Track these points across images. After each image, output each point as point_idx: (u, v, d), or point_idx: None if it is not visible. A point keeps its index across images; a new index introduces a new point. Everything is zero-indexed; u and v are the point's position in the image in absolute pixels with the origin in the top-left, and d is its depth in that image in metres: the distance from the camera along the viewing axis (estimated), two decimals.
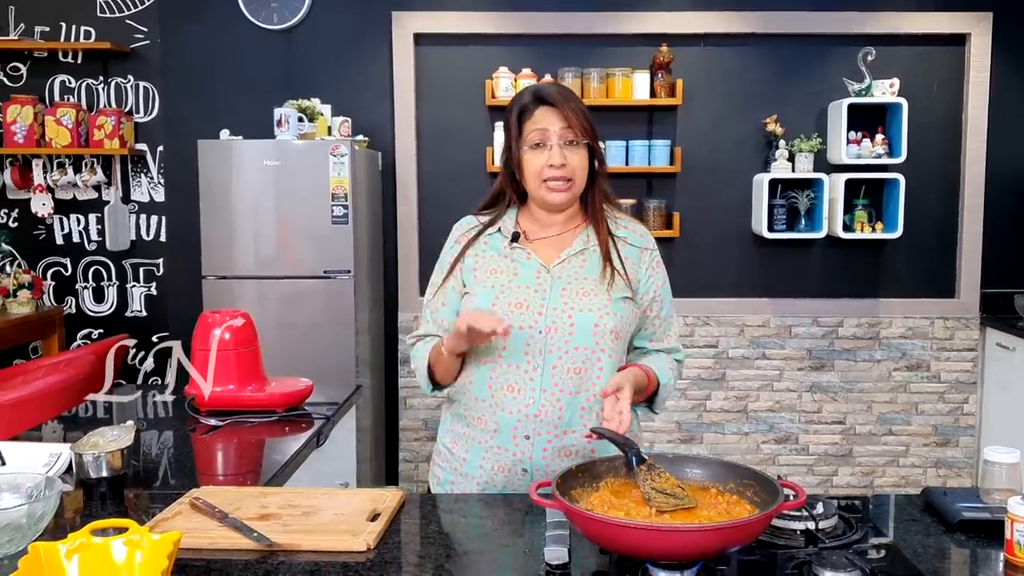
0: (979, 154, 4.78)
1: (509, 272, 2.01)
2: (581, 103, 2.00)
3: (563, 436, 1.94)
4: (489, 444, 1.98)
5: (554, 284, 1.98)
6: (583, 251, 2.03)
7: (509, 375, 1.95)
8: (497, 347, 1.95)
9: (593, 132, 1.99)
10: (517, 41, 4.77)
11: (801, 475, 4.89)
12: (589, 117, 1.99)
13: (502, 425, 1.95)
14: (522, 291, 1.97)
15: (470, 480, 2.02)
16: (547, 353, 1.93)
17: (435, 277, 2.13)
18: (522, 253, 2.03)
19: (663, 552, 1.34)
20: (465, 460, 2.03)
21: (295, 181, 4.24)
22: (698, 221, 4.84)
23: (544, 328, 1.93)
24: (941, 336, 4.86)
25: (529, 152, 1.97)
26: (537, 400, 1.93)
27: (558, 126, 1.95)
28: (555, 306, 1.95)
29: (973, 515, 1.62)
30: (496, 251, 2.05)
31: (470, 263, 2.05)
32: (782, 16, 4.71)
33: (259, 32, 4.76)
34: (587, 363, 1.94)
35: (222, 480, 2.14)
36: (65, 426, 2.55)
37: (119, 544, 1.37)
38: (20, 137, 4.69)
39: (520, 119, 2.00)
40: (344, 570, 1.48)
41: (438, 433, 2.17)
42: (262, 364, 2.69)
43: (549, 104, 1.97)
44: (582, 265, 2.01)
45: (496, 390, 1.96)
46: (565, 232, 2.06)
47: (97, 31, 4.85)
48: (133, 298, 5.01)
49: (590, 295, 1.97)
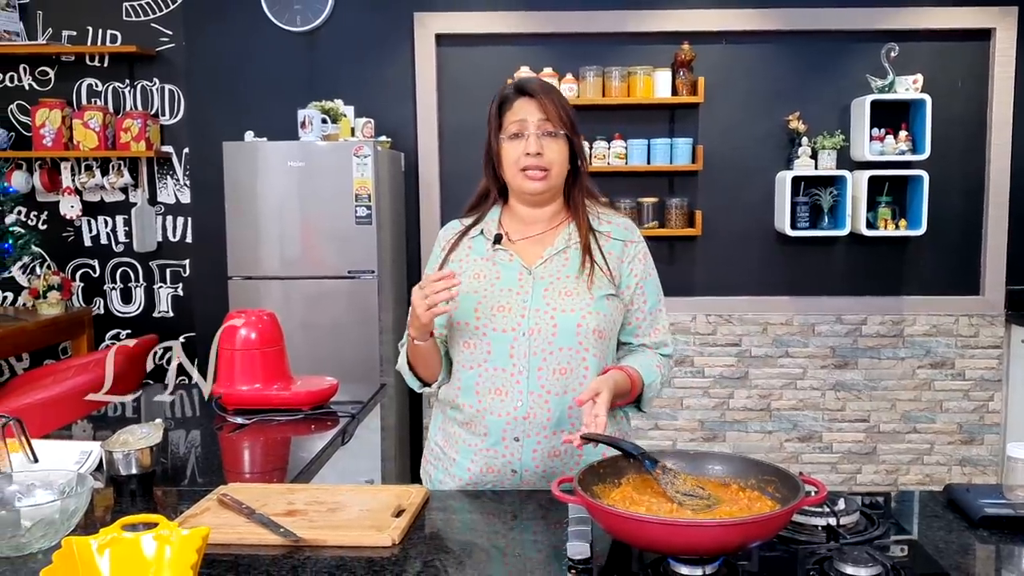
0: (1004, 150, 4.75)
1: (491, 275, 2.01)
2: (562, 97, 2.02)
3: (552, 437, 1.94)
4: (479, 448, 1.98)
5: (536, 285, 1.98)
6: (565, 249, 2.02)
7: (496, 379, 1.95)
8: (482, 352, 1.96)
9: (572, 125, 2.00)
10: (538, 40, 4.78)
11: (825, 473, 4.88)
12: (569, 111, 2.00)
13: (491, 428, 1.96)
14: (504, 294, 1.97)
15: (458, 481, 2.02)
16: (532, 355, 1.93)
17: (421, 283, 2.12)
18: (504, 255, 2.02)
19: (684, 547, 1.34)
20: (455, 461, 2.03)
21: (319, 182, 4.28)
22: (720, 219, 4.83)
23: (527, 330, 1.94)
24: (966, 333, 4.83)
25: (507, 142, 1.99)
26: (525, 402, 1.93)
27: (536, 117, 1.96)
28: (537, 307, 1.95)
29: (996, 511, 1.61)
30: (479, 254, 2.05)
31: (454, 268, 2.03)
32: (804, 13, 4.70)
33: (282, 34, 4.80)
34: (572, 363, 1.94)
35: (249, 478, 2.16)
36: (94, 425, 2.58)
37: (149, 539, 1.39)
38: (48, 140, 4.76)
39: (500, 110, 2.02)
40: (369, 565, 1.49)
41: (429, 431, 2.18)
42: (288, 363, 2.72)
43: (528, 95, 1.98)
44: (564, 264, 2.01)
45: (484, 394, 1.96)
46: (548, 231, 2.06)
47: (123, 35, 4.91)
48: (160, 299, 5.06)
49: (572, 295, 1.96)
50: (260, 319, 2.67)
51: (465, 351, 1.99)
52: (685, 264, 4.85)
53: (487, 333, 1.96)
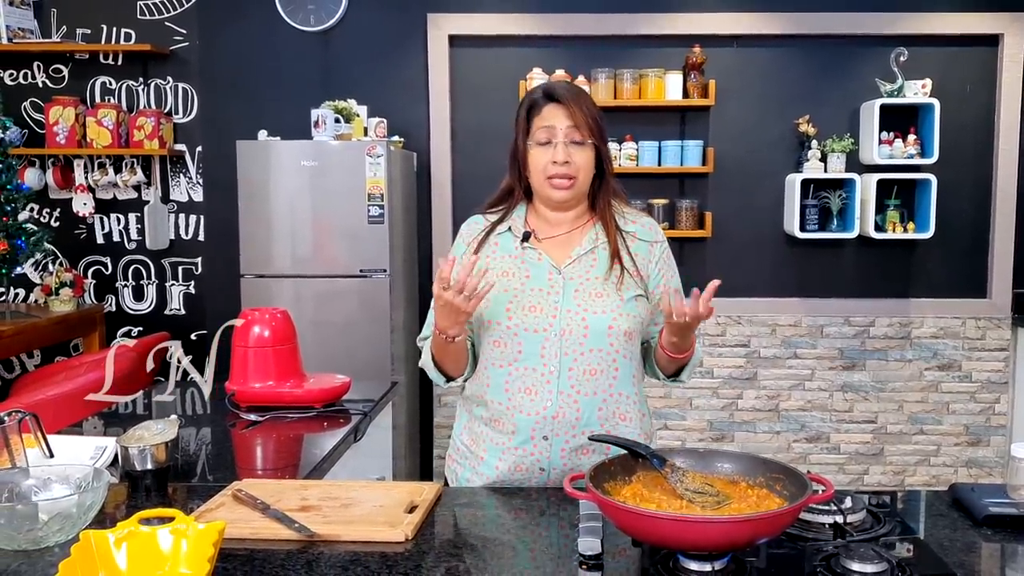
0: (1012, 154, 4.75)
1: (521, 274, 2.01)
2: (591, 103, 2.01)
3: (581, 436, 1.95)
4: (508, 446, 1.99)
5: (567, 286, 1.99)
6: (593, 250, 2.03)
7: (526, 378, 1.96)
8: (513, 351, 1.97)
9: (600, 132, 2.00)
10: (551, 42, 4.80)
11: (832, 474, 4.88)
12: (598, 117, 1.99)
13: (520, 427, 1.96)
14: (535, 294, 1.98)
15: (485, 479, 2.03)
16: (563, 355, 1.94)
17: None
18: (533, 254, 2.03)
19: (693, 543, 1.36)
20: (483, 459, 2.03)
21: (332, 181, 4.30)
22: (730, 221, 4.84)
23: (559, 331, 1.94)
24: (973, 336, 4.84)
25: (535, 148, 1.99)
26: (555, 402, 1.94)
27: (564, 124, 1.96)
28: (569, 308, 1.96)
29: (1000, 510, 1.63)
30: (507, 252, 2.05)
31: (480, 265, 2.00)
32: (814, 17, 4.71)
33: (296, 34, 4.83)
34: (603, 365, 1.96)
35: (261, 474, 2.18)
36: (105, 422, 2.60)
37: (166, 533, 1.41)
38: (62, 138, 4.79)
39: (529, 115, 2.01)
40: (383, 560, 1.51)
41: (454, 429, 2.18)
42: (300, 361, 2.74)
43: (557, 102, 1.98)
44: (593, 264, 2.02)
45: (514, 393, 1.97)
46: (574, 230, 2.06)
47: (137, 33, 4.93)
48: (172, 296, 5.09)
49: (603, 296, 1.98)
50: (273, 317, 2.69)
51: (496, 349, 1.99)
52: (695, 265, 4.86)
53: (518, 333, 1.96)
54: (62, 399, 3.54)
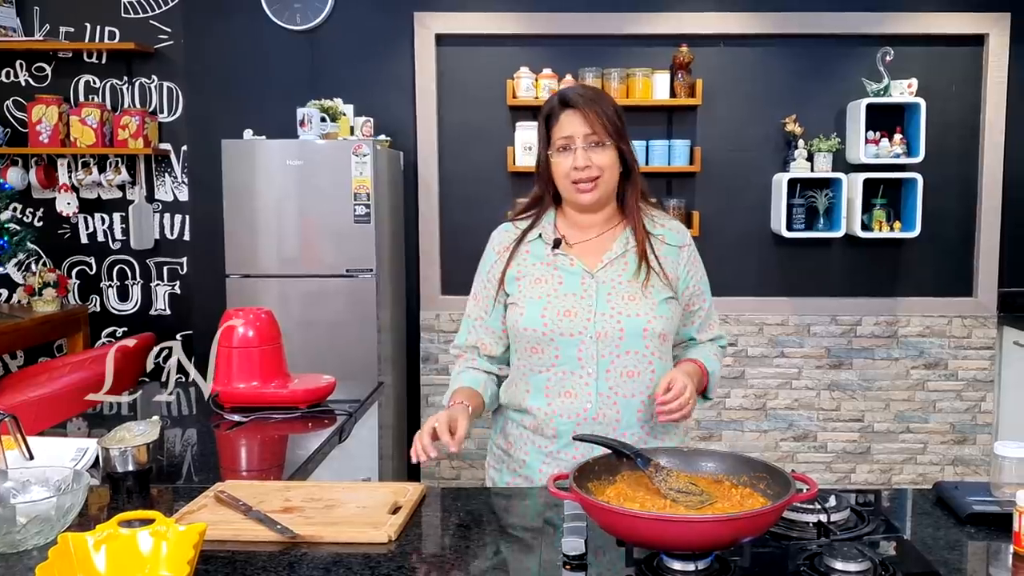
0: (997, 153, 4.77)
1: (554, 280, 2.03)
2: (608, 104, 2.02)
3: (621, 438, 1.92)
4: (550, 449, 2.02)
5: (600, 289, 2.01)
6: (624, 254, 2.05)
7: (565, 382, 1.99)
8: (550, 356, 1.99)
9: (620, 131, 2.01)
10: (538, 41, 4.79)
11: (819, 472, 4.90)
12: (615, 118, 2.00)
13: (561, 430, 2.00)
14: (569, 299, 2.00)
15: (529, 483, 2.04)
16: (600, 358, 1.97)
17: (476, 287, 2.16)
18: (565, 260, 2.04)
19: (677, 543, 1.36)
20: (525, 463, 2.06)
21: (318, 180, 4.29)
22: (717, 221, 4.85)
23: (595, 334, 1.97)
24: (959, 334, 4.86)
25: (557, 155, 2.01)
26: (595, 404, 1.98)
27: (582, 131, 1.98)
28: (603, 312, 1.98)
29: (983, 508, 1.64)
30: (539, 259, 2.06)
31: (513, 273, 2.07)
32: (801, 17, 4.72)
33: (282, 32, 4.81)
34: (639, 366, 1.99)
35: (245, 475, 2.17)
36: (90, 423, 2.59)
37: (145, 535, 1.40)
38: (45, 137, 4.76)
39: (548, 123, 2.03)
40: (366, 561, 1.50)
41: (492, 436, 2.20)
42: (285, 361, 2.73)
43: (573, 108, 1.99)
44: (624, 268, 2.04)
45: (553, 397, 2.00)
46: (604, 233, 2.08)
47: (121, 32, 4.91)
48: (157, 297, 5.07)
49: (636, 299, 2.00)
50: (258, 317, 2.67)
51: (533, 356, 2.02)
52: None
53: (555, 339, 1.98)
54: (45, 400, 3.52)
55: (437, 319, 4.89)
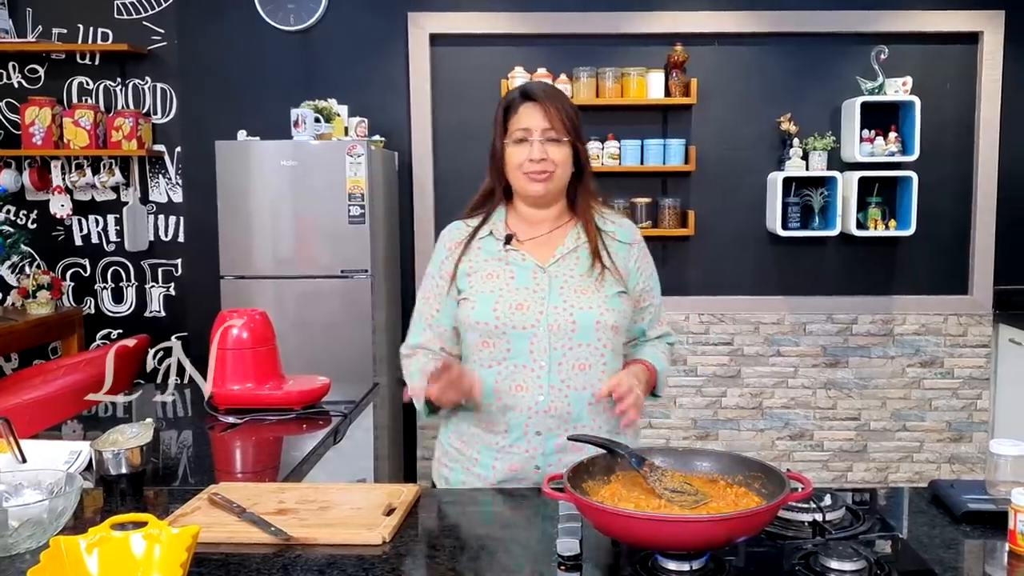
0: (992, 151, 4.77)
1: (506, 275, 2.04)
2: (567, 102, 2.05)
3: (572, 431, 1.97)
4: (502, 445, 2.01)
5: (552, 283, 2.02)
6: (576, 249, 2.07)
7: (517, 375, 1.99)
8: (502, 349, 1.99)
9: (576, 130, 2.04)
10: (532, 41, 4.79)
11: (816, 471, 4.90)
12: (573, 116, 2.03)
13: (513, 424, 1.99)
14: (521, 293, 2.01)
15: (483, 481, 2.03)
16: (552, 351, 1.98)
17: (427, 285, 2.15)
18: (517, 255, 2.06)
19: (671, 543, 1.36)
20: (477, 460, 2.05)
21: (312, 181, 4.28)
22: (713, 220, 4.85)
23: (547, 326, 1.98)
24: (954, 332, 4.86)
25: (513, 146, 2.03)
26: (547, 397, 1.97)
27: (540, 124, 2.00)
28: (555, 305, 1.99)
29: (978, 506, 1.64)
30: (490, 254, 2.08)
31: (464, 269, 2.07)
32: (795, 15, 4.72)
33: (276, 33, 4.80)
34: (591, 359, 2.00)
35: (240, 477, 2.17)
36: (84, 425, 2.58)
37: (138, 538, 1.39)
38: (38, 139, 4.75)
39: (506, 115, 2.05)
40: (360, 563, 1.50)
41: (440, 433, 2.19)
42: (279, 362, 2.72)
43: (534, 101, 2.02)
44: (576, 263, 2.06)
45: (504, 392, 1.99)
46: (555, 230, 2.10)
47: (114, 33, 4.89)
48: (152, 298, 5.06)
49: (588, 292, 2.02)
50: (252, 318, 2.67)
51: (484, 350, 2.01)
52: (678, 264, 4.87)
53: (506, 331, 1.99)
54: (39, 403, 3.51)
55: None
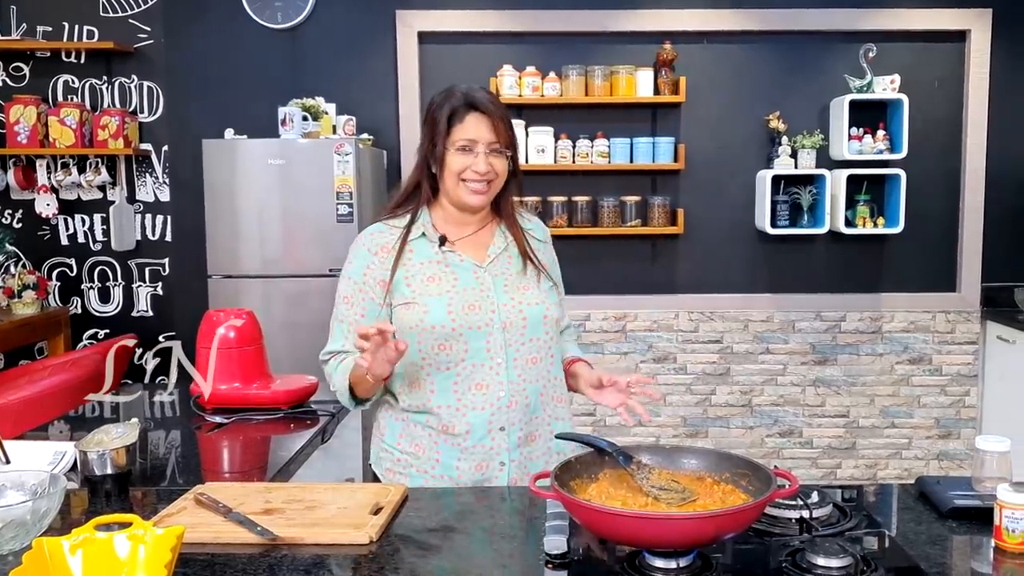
0: (979, 149, 4.79)
1: (448, 277, 2.04)
2: (506, 112, 2.07)
3: (530, 423, 2.04)
4: (464, 445, 2.01)
5: (495, 282, 2.06)
6: (506, 248, 2.12)
7: (476, 375, 2.00)
8: (459, 350, 1.99)
9: (515, 141, 2.07)
10: (521, 39, 4.79)
11: (805, 468, 4.91)
12: (512, 128, 2.07)
13: (475, 423, 2.00)
14: (470, 293, 2.03)
15: (448, 482, 2.02)
16: (508, 347, 2.02)
17: (347, 289, 2.11)
18: (454, 256, 2.07)
19: (658, 540, 1.36)
20: (439, 462, 2.03)
21: (300, 180, 4.26)
22: (702, 218, 4.85)
23: (501, 324, 2.02)
24: (942, 330, 4.88)
25: (455, 154, 2.01)
26: (507, 392, 2.01)
27: (487, 137, 2.01)
28: (504, 302, 2.04)
29: (964, 502, 1.65)
30: (425, 257, 2.06)
31: (400, 274, 2.04)
32: (784, 13, 4.72)
33: (263, 31, 4.78)
34: (541, 352, 2.06)
35: (227, 477, 2.16)
36: (71, 425, 2.57)
37: (122, 539, 1.38)
38: (23, 137, 4.72)
39: (450, 121, 2.02)
40: (347, 563, 1.50)
41: (383, 439, 2.13)
42: (267, 362, 2.72)
43: (480, 112, 2.02)
44: (509, 262, 2.11)
45: (463, 392, 2.00)
46: (482, 230, 2.13)
47: (100, 31, 4.87)
48: (139, 298, 5.03)
49: (529, 289, 2.08)
50: (239, 318, 2.66)
51: (441, 353, 2.00)
52: (667, 262, 4.87)
53: (463, 333, 1.99)
54: (25, 403, 3.48)
55: None
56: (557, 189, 4.74)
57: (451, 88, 2.07)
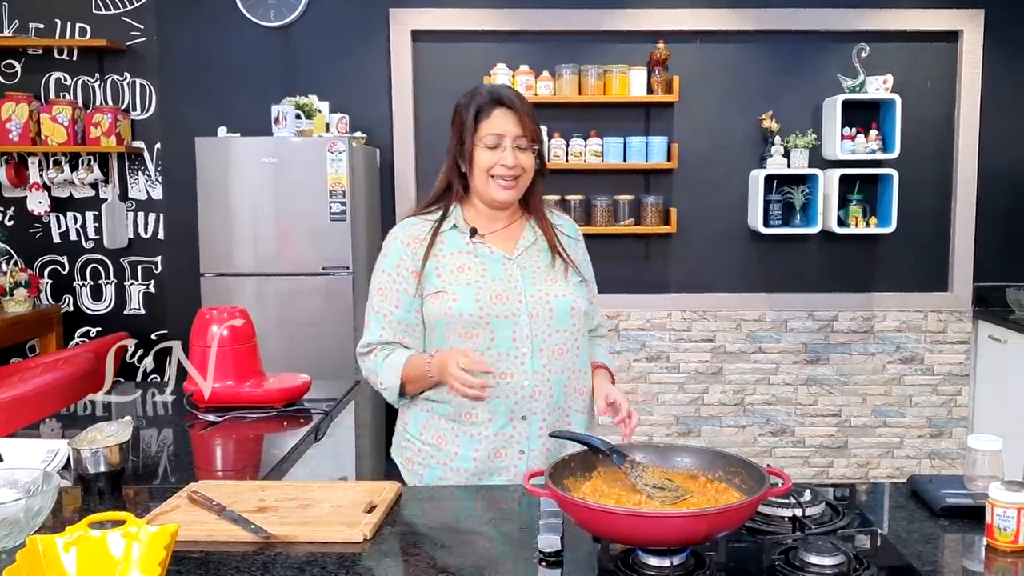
0: (971, 149, 4.80)
1: (478, 267, 2.09)
2: (531, 108, 2.12)
3: (554, 412, 2.06)
4: (485, 434, 2.05)
5: (523, 274, 2.10)
6: (535, 242, 2.17)
7: (501, 363, 2.03)
8: (486, 339, 2.03)
9: (541, 137, 2.13)
10: (515, 38, 4.79)
11: (797, 467, 4.92)
12: (537, 123, 2.11)
13: (498, 411, 2.04)
14: (498, 283, 2.07)
15: (463, 474, 2.06)
16: (533, 338, 2.05)
17: (382, 281, 2.14)
18: (484, 248, 2.12)
19: (651, 538, 1.36)
20: (457, 454, 2.07)
21: (293, 178, 4.26)
22: (695, 217, 4.86)
23: (528, 314, 2.05)
24: (934, 329, 4.89)
25: (483, 151, 2.07)
26: (531, 382, 2.04)
27: (514, 132, 2.07)
28: (531, 294, 2.08)
29: (956, 501, 1.65)
30: (456, 248, 2.11)
31: (431, 265, 2.08)
32: (777, 13, 4.73)
33: (256, 29, 4.78)
34: (567, 343, 2.09)
35: (220, 475, 2.16)
36: (63, 423, 2.56)
37: (116, 537, 1.37)
38: (15, 135, 4.70)
39: (477, 117, 2.08)
40: (340, 560, 1.49)
41: (407, 430, 2.20)
42: (260, 360, 2.71)
43: (506, 107, 2.08)
44: (538, 255, 2.15)
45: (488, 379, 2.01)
46: (512, 224, 2.18)
47: (92, 28, 4.85)
48: (131, 296, 5.02)
49: (557, 281, 2.12)
50: (232, 316, 2.65)
51: (467, 341, 2.04)
52: (660, 261, 4.88)
53: (490, 322, 2.04)
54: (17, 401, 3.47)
55: None
56: (550, 188, 4.74)
57: (476, 88, 2.14)
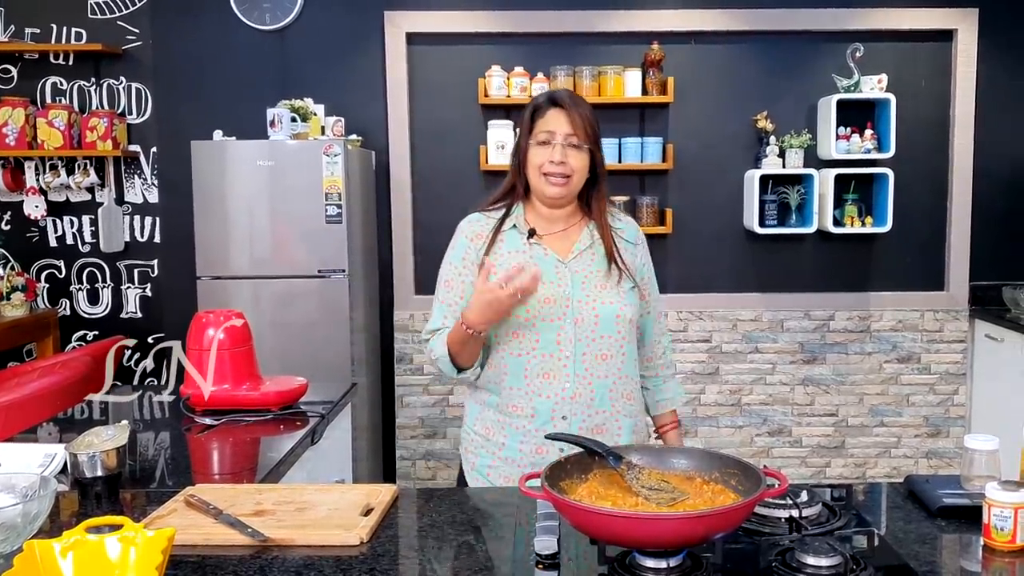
0: (967, 148, 4.81)
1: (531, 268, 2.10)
2: (590, 110, 2.17)
3: (595, 416, 2.13)
4: (527, 428, 2.12)
5: (574, 278, 2.15)
6: (591, 246, 2.20)
7: (544, 364, 2.11)
8: (531, 340, 2.10)
9: (596, 138, 2.17)
10: (509, 40, 4.79)
11: (794, 467, 4.93)
12: (594, 124, 2.17)
13: (539, 410, 2.11)
14: (547, 287, 2.11)
15: (511, 464, 2.15)
16: (577, 342, 2.11)
17: (448, 273, 2.23)
18: (539, 249, 2.17)
19: (648, 540, 1.36)
20: (504, 445, 2.16)
21: (289, 181, 4.26)
22: (690, 217, 4.86)
23: (573, 319, 2.11)
24: (931, 328, 4.90)
25: (535, 147, 2.14)
26: (572, 385, 2.11)
27: (564, 130, 2.12)
28: (579, 299, 2.13)
29: (953, 501, 1.66)
30: (513, 247, 2.18)
31: (491, 260, 2.15)
32: (772, 13, 4.74)
33: (251, 32, 4.77)
34: (612, 349, 2.14)
35: (217, 479, 2.16)
36: (61, 427, 2.55)
37: (113, 541, 1.37)
38: (12, 139, 4.70)
39: (533, 117, 2.16)
40: (337, 564, 1.50)
41: (465, 422, 2.29)
42: (257, 363, 2.71)
43: (560, 107, 2.14)
44: (592, 259, 2.19)
45: (532, 378, 2.11)
46: (570, 227, 2.22)
47: (88, 33, 4.85)
48: (128, 299, 5.02)
49: (607, 288, 2.16)
50: (228, 319, 2.65)
51: (514, 340, 2.12)
52: (656, 262, 4.69)
53: (536, 324, 2.10)
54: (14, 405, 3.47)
55: (411, 319, 4.87)
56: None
57: (542, 92, 2.22)
